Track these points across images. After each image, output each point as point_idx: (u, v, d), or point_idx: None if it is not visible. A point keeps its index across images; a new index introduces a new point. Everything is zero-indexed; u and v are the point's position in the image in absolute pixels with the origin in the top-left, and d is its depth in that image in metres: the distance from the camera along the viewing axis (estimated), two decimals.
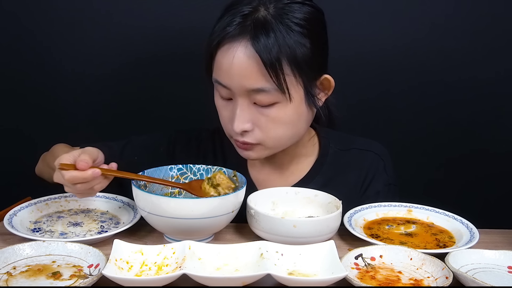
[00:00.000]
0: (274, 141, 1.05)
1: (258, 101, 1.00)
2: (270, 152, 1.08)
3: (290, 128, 1.05)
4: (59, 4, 1.45)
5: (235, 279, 0.79)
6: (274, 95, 0.99)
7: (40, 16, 1.45)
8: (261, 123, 1.03)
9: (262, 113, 1.02)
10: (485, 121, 1.50)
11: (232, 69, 0.99)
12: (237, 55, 0.98)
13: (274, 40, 0.97)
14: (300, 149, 1.17)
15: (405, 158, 1.45)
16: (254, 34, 0.97)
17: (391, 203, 1.09)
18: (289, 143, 1.09)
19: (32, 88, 1.47)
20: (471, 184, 1.52)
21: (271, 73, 0.97)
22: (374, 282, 0.81)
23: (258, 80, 0.98)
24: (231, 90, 1.01)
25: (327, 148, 1.18)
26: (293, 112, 1.03)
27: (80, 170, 0.92)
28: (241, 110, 1.01)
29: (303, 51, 0.99)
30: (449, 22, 1.45)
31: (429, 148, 1.52)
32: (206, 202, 0.91)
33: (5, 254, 0.83)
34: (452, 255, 0.86)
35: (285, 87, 0.99)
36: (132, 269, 0.82)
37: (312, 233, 0.93)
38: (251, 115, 1.02)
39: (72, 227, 1.00)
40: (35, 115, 1.48)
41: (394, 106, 1.50)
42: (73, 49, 1.47)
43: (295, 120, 1.04)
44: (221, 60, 1.00)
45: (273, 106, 1.01)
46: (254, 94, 1.00)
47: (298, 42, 0.99)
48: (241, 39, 0.98)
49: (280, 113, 1.02)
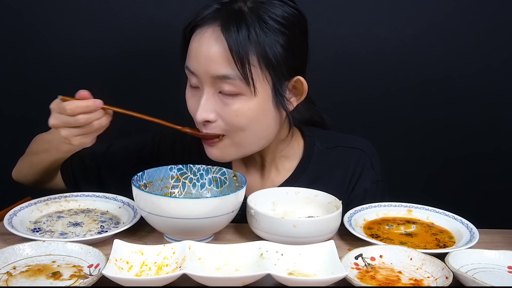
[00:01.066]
0: (240, 137, 1.02)
1: (223, 90, 0.99)
2: (235, 152, 1.05)
3: (252, 124, 1.02)
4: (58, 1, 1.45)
5: (235, 279, 0.79)
6: (237, 86, 0.98)
7: (40, 12, 1.45)
8: (225, 113, 1.00)
9: (226, 103, 1.00)
10: (485, 120, 1.50)
11: (200, 53, 0.99)
12: (205, 39, 0.98)
13: (245, 29, 0.97)
14: (280, 151, 1.15)
15: (405, 157, 1.45)
16: (226, 21, 0.97)
17: (391, 203, 1.09)
18: (256, 143, 1.06)
19: (33, 88, 1.47)
20: (471, 184, 1.52)
21: (237, 60, 0.96)
22: (374, 282, 0.81)
23: (223, 66, 0.97)
24: (199, 77, 1.01)
25: (312, 147, 1.17)
26: (257, 107, 1.00)
27: (82, 99, 0.93)
28: (206, 98, 1.00)
29: (275, 47, 0.99)
30: (448, 21, 1.45)
31: (429, 148, 1.52)
32: (206, 202, 0.91)
33: (5, 254, 0.83)
34: (452, 255, 0.86)
35: (249, 77, 0.97)
36: (132, 269, 0.82)
37: (312, 233, 0.93)
38: (215, 104, 1.01)
39: (72, 227, 1.00)
40: (36, 115, 1.48)
41: (393, 105, 1.50)
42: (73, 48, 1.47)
43: (259, 117, 1.01)
44: (192, 44, 1.01)
45: (237, 97, 0.99)
46: (219, 82, 0.99)
47: (272, 38, 0.98)
48: (211, 24, 0.99)
49: (244, 106, 1.00)
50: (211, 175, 1.06)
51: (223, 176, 1.06)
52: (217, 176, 1.06)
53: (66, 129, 0.95)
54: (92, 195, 1.10)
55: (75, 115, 0.93)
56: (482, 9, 1.44)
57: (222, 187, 1.06)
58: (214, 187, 1.06)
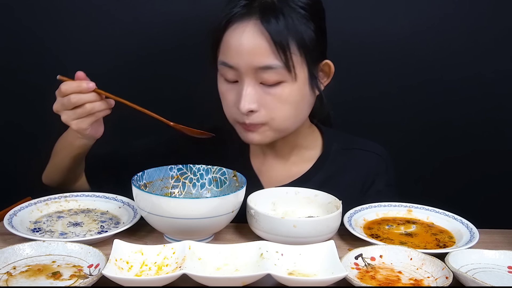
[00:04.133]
0: (279, 121, 1.06)
1: (264, 80, 1.03)
2: (274, 135, 1.09)
3: (294, 109, 1.06)
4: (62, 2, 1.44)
5: (235, 279, 0.79)
6: (280, 74, 1.02)
7: (41, 15, 1.44)
8: (267, 102, 1.04)
9: (268, 92, 1.04)
10: (486, 120, 1.50)
11: (242, 47, 1.01)
12: (247, 33, 1.01)
13: (283, 19, 1.00)
14: (301, 139, 1.18)
15: (405, 157, 1.45)
16: (264, 13, 1.01)
17: (391, 203, 1.10)
18: (293, 126, 1.10)
19: (33, 88, 1.47)
20: (471, 184, 1.52)
21: (279, 50, 1.00)
22: (374, 282, 0.81)
23: (267, 57, 1.01)
24: (238, 70, 1.03)
25: (329, 145, 1.20)
26: (298, 92, 1.05)
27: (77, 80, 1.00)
28: (248, 90, 1.03)
29: (308, 32, 1.03)
30: (449, 20, 1.44)
31: (429, 147, 1.52)
32: (206, 202, 0.91)
33: (5, 254, 0.83)
34: (452, 255, 0.86)
35: (291, 65, 1.01)
36: (132, 269, 0.82)
37: (312, 233, 0.93)
38: (257, 95, 1.04)
39: (72, 227, 1.00)
40: (36, 115, 1.48)
41: (393, 105, 1.50)
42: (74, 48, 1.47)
43: (299, 101, 1.06)
44: (230, 40, 1.03)
45: (279, 85, 1.03)
46: (261, 72, 1.02)
47: (304, 24, 1.02)
48: (250, 18, 1.01)
49: (286, 92, 1.04)
50: (211, 175, 1.06)
51: (223, 176, 1.06)
52: (217, 176, 1.06)
53: (64, 112, 1.01)
54: (92, 195, 1.10)
55: (67, 94, 0.99)
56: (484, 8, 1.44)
57: (222, 187, 1.06)
58: (214, 187, 1.06)
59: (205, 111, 1.20)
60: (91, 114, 1.01)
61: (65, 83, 0.99)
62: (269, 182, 1.18)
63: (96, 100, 1.01)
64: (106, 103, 1.03)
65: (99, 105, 1.01)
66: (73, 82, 1.00)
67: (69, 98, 0.99)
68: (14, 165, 1.50)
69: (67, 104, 0.99)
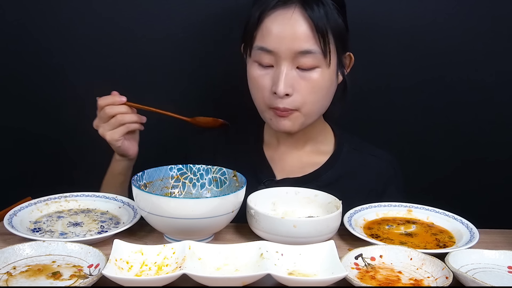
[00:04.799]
0: (309, 106, 1.11)
1: (301, 64, 1.08)
2: (303, 121, 1.13)
3: (324, 94, 1.12)
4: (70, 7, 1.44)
5: (235, 279, 0.79)
6: (317, 59, 1.08)
7: (47, 21, 1.44)
8: (301, 87, 1.09)
9: (303, 77, 1.09)
10: (486, 120, 1.49)
11: (285, 32, 1.06)
12: (290, 19, 1.06)
13: (322, 7, 1.07)
14: (315, 133, 1.23)
15: (405, 157, 1.45)
16: (306, 2, 1.07)
17: (391, 203, 1.10)
18: (319, 113, 1.16)
19: (33, 88, 1.47)
20: (471, 183, 1.52)
21: (319, 36, 1.06)
22: (374, 282, 0.81)
23: (307, 42, 1.06)
24: (277, 55, 1.08)
25: (341, 145, 1.23)
26: (329, 78, 1.11)
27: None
28: (285, 73, 1.08)
29: (339, 22, 1.10)
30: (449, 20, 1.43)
31: (429, 148, 1.52)
32: (206, 202, 0.90)
33: (5, 254, 0.83)
34: (452, 255, 0.86)
35: (328, 50, 1.08)
36: (132, 269, 0.82)
37: (312, 233, 0.93)
38: (293, 79, 1.09)
39: (72, 227, 1.00)
40: (36, 115, 1.48)
41: (394, 105, 1.50)
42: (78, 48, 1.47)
43: (328, 87, 1.12)
44: (271, 26, 1.08)
45: (314, 70, 1.09)
46: (300, 57, 1.07)
47: (337, 14, 1.09)
48: (292, 6, 1.07)
49: (319, 77, 1.09)
50: (211, 175, 1.06)
51: (223, 176, 1.06)
52: (217, 176, 1.06)
53: (101, 125, 1.13)
54: (92, 195, 1.10)
55: (103, 107, 1.11)
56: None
57: (222, 187, 1.06)
58: (214, 187, 1.06)
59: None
60: (123, 124, 1.12)
61: (102, 97, 1.13)
62: (281, 171, 1.20)
63: (127, 112, 1.12)
64: (137, 117, 1.15)
65: (130, 116, 1.13)
66: (108, 96, 1.13)
67: (104, 110, 1.11)
68: (15, 165, 1.50)
69: (103, 117, 1.12)
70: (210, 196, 1.06)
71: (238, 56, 1.20)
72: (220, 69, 1.42)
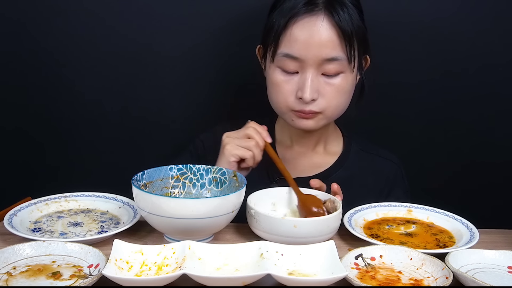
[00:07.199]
0: (332, 110, 1.13)
1: (327, 70, 1.09)
2: (325, 122, 1.16)
3: (346, 98, 1.14)
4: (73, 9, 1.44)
5: (235, 279, 0.79)
6: (342, 65, 1.09)
7: (49, 26, 1.44)
8: (326, 92, 1.11)
9: (328, 82, 1.11)
10: (486, 121, 1.49)
11: (312, 39, 1.07)
12: (318, 27, 1.07)
13: (347, 13, 1.08)
14: (327, 133, 1.24)
15: (405, 157, 1.45)
16: (331, 8, 1.07)
17: (391, 203, 1.10)
18: (339, 115, 1.18)
19: (33, 88, 1.47)
20: (471, 183, 1.52)
21: (346, 43, 1.08)
22: (374, 282, 0.81)
23: (334, 50, 1.08)
24: (303, 62, 1.09)
25: (349, 145, 1.25)
26: (352, 81, 1.14)
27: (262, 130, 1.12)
28: (311, 80, 1.09)
29: (361, 26, 1.11)
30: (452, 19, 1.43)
31: (430, 148, 1.52)
32: (206, 202, 0.91)
33: (5, 254, 0.83)
34: (452, 255, 0.86)
35: (353, 56, 1.09)
36: (132, 269, 0.82)
37: (312, 233, 0.93)
38: (318, 85, 1.10)
39: (72, 227, 1.00)
40: (37, 115, 1.48)
41: (394, 105, 1.49)
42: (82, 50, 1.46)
43: (351, 90, 1.15)
44: (298, 33, 1.08)
45: (338, 76, 1.11)
46: (325, 63, 1.08)
47: (359, 18, 1.11)
48: (319, 13, 1.08)
49: (343, 81, 1.11)
50: (211, 175, 1.06)
51: (223, 176, 1.06)
52: (217, 176, 1.06)
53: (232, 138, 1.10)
54: (92, 195, 1.10)
55: (250, 127, 1.11)
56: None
57: (222, 187, 1.06)
58: (214, 187, 1.06)
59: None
60: (248, 150, 1.08)
61: (256, 123, 1.12)
62: (293, 170, 1.20)
63: (260, 147, 1.09)
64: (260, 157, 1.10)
65: (258, 152, 1.09)
66: (260, 125, 1.12)
67: (248, 129, 1.10)
68: (15, 165, 1.50)
69: (241, 132, 1.11)
70: (210, 196, 1.06)
71: (248, 55, 1.22)
72: (231, 69, 1.43)
